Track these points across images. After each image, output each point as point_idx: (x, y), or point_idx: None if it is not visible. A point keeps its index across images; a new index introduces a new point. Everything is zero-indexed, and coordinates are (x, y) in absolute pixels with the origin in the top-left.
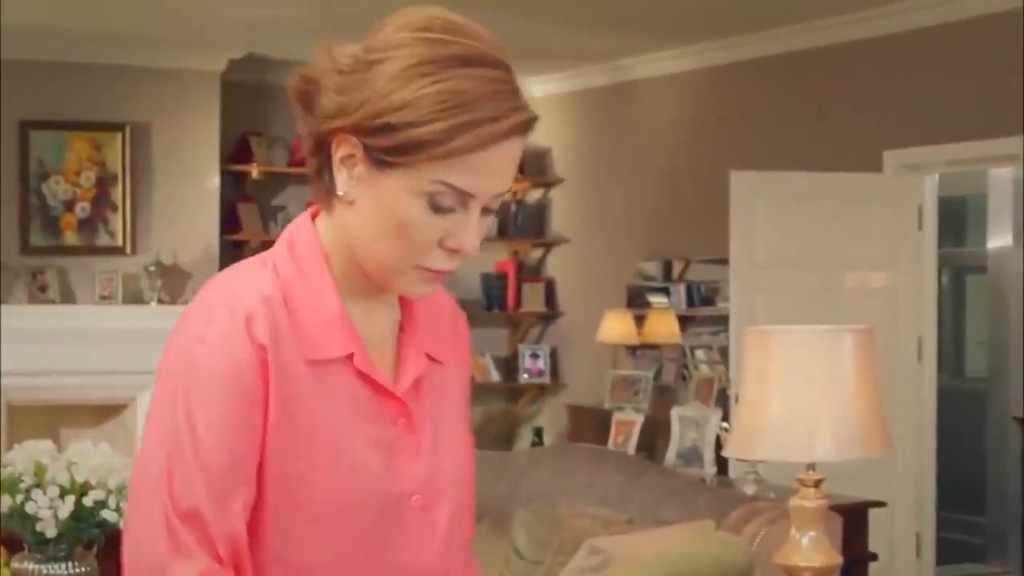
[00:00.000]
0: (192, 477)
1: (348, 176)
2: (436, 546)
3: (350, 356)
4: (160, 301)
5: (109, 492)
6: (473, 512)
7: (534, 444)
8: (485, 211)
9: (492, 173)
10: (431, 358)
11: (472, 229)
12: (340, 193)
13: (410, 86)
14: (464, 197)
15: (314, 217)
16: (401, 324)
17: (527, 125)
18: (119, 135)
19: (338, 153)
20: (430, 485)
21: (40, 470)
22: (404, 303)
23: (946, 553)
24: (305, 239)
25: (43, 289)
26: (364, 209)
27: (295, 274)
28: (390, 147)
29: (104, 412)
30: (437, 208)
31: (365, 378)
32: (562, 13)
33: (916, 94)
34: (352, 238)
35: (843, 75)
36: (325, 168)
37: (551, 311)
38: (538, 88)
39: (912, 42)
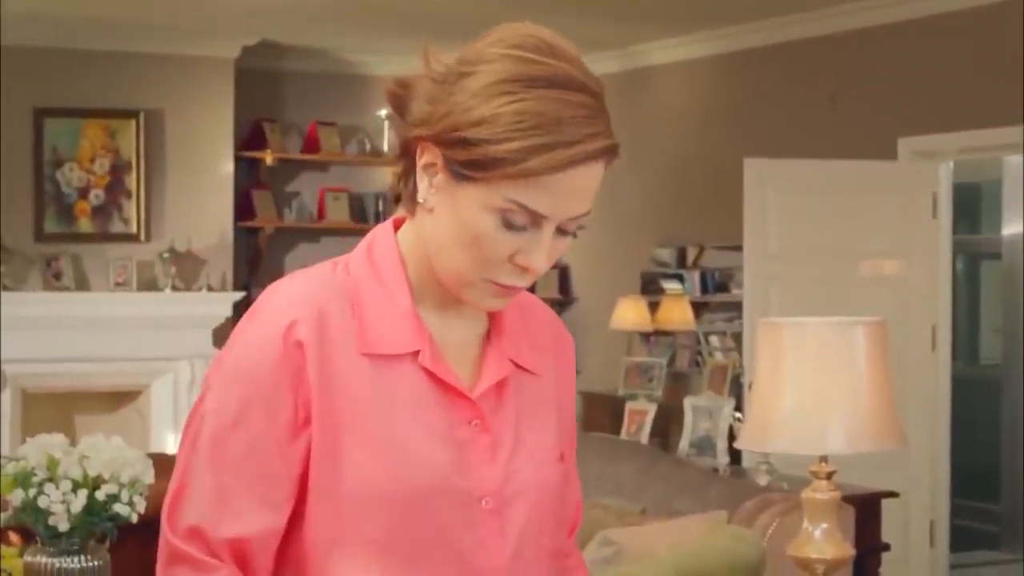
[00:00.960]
0: (200, 480)
1: (429, 184)
2: (507, 550)
3: (416, 353)
4: (174, 288)
5: (122, 486)
6: (563, 525)
7: None
8: (562, 233)
9: (567, 196)
10: (519, 366)
11: (542, 249)
12: (420, 200)
13: (491, 103)
14: (536, 217)
15: (398, 227)
16: (488, 334)
17: (604, 152)
18: (133, 122)
19: (421, 160)
20: (503, 489)
21: (52, 464)
22: (493, 313)
23: (959, 540)
24: (384, 242)
25: (58, 276)
26: (441, 218)
27: (368, 273)
28: (467, 161)
29: (118, 399)
30: (509, 225)
31: (434, 377)
32: (574, 0)
33: (930, 81)
34: (428, 245)
35: (857, 62)
36: (410, 173)
37: (565, 297)
38: None
39: (927, 29)
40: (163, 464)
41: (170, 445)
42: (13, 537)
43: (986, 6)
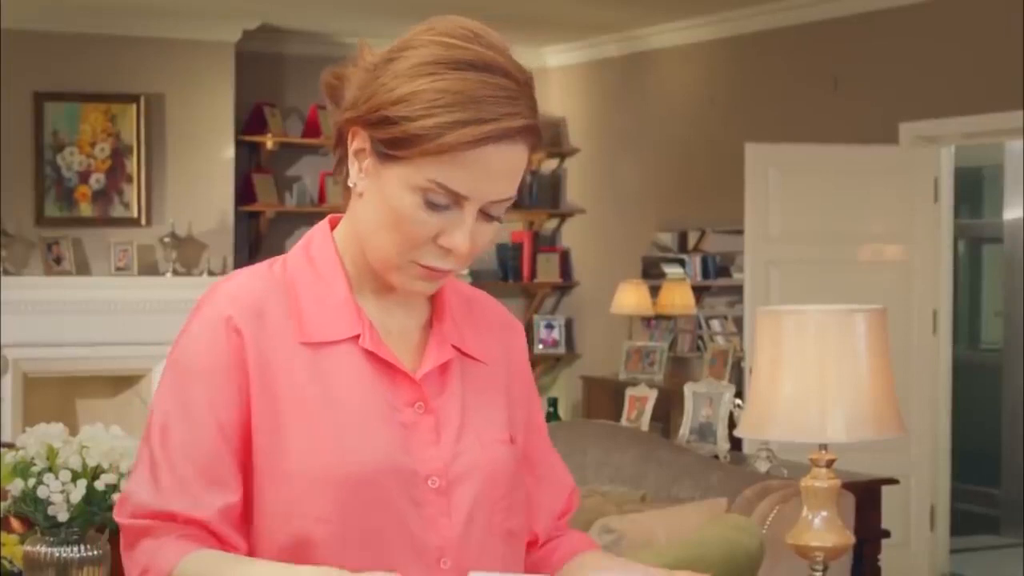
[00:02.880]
0: (159, 474)
1: (359, 169)
2: (456, 529)
3: (356, 338)
4: (175, 272)
5: (121, 476)
6: (515, 507)
7: (549, 415)
8: (487, 217)
9: (486, 176)
10: (463, 352)
11: (464, 230)
12: (351, 184)
13: (413, 82)
14: (457, 198)
15: (334, 226)
16: (430, 321)
17: (521, 132)
18: (134, 106)
19: (352, 146)
20: (450, 469)
21: (52, 454)
22: (435, 303)
23: (960, 524)
24: (320, 238)
25: (58, 260)
26: (370, 201)
27: (305, 266)
28: (388, 139)
29: (119, 383)
30: (431, 206)
31: (375, 359)
32: None
33: (932, 66)
34: (359, 230)
35: (859, 46)
36: (344, 161)
37: (566, 282)
38: (552, 59)
39: (929, 13)
40: None
41: None
42: (15, 524)
43: None
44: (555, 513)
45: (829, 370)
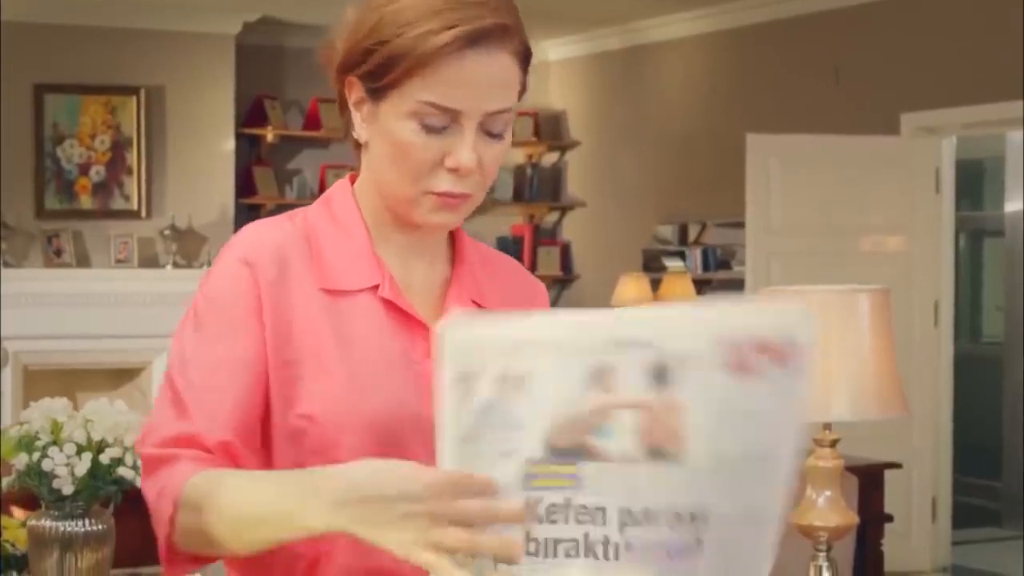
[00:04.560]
0: (180, 401)
1: (360, 119)
2: None
3: (376, 288)
4: (175, 265)
5: (126, 449)
6: None
7: None
8: (490, 135)
9: (473, 87)
10: (481, 307)
11: (467, 146)
12: (356, 136)
13: (379, 11)
14: (453, 114)
15: (354, 182)
16: (452, 278)
17: (493, 35)
18: (134, 99)
19: (351, 99)
20: None
21: (56, 428)
22: (456, 259)
23: (962, 517)
24: (340, 192)
25: (58, 253)
26: (375, 144)
27: (326, 219)
28: (372, 72)
29: (120, 375)
30: (429, 128)
31: (393, 309)
32: None
33: (933, 56)
34: (374, 178)
35: (860, 37)
36: (350, 123)
37: (567, 275)
38: (553, 52)
39: (929, 4)
40: None
41: None
42: (17, 512)
43: None
44: None
45: (833, 350)
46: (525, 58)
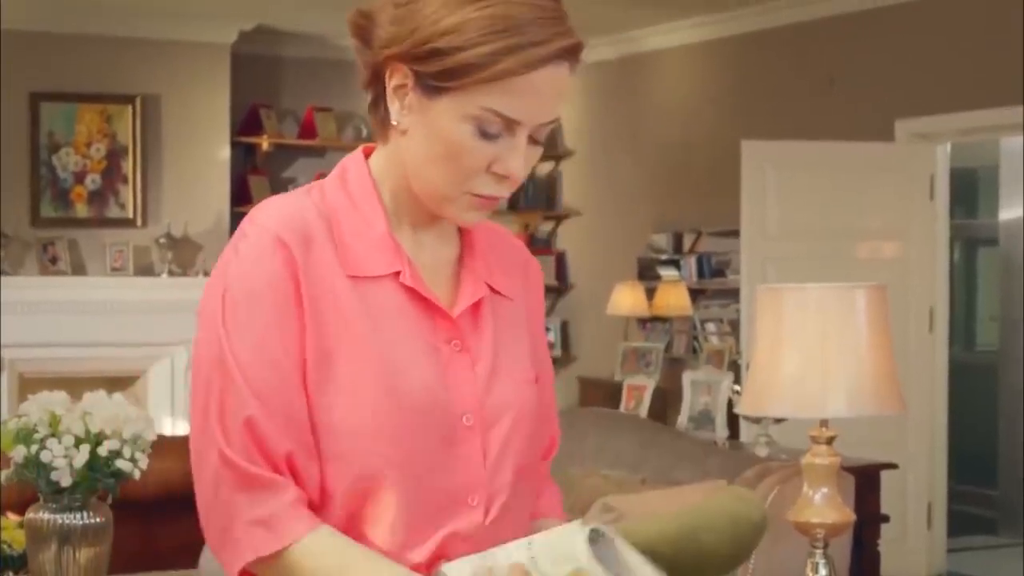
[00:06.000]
0: (239, 392)
1: (401, 106)
2: (488, 467)
3: (397, 274)
4: (171, 273)
5: (124, 442)
6: (540, 443)
7: None
8: (533, 141)
9: (538, 100)
10: (493, 289)
11: (519, 155)
12: (394, 123)
13: (459, 12)
14: (511, 124)
15: (368, 156)
16: (461, 257)
17: (571, 50)
18: (130, 107)
19: (392, 83)
20: (483, 407)
21: (55, 420)
22: (464, 238)
23: (957, 525)
24: (356, 169)
25: (54, 261)
26: (416, 137)
27: (343, 199)
28: (439, 72)
29: (116, 384)
30: (485, 134)
31: (415, 295)
32: None
33: (927, 63)
34: (407, 166)
35: (854, 44)
36: (380, 99)
37: (562, 284)
38: None
39: (923, 10)
40: (161, 447)
41: (167, 429)
42: (11, 516)
43: None
44: (544, 451)
45: (829, 346)
46: (576, 64)
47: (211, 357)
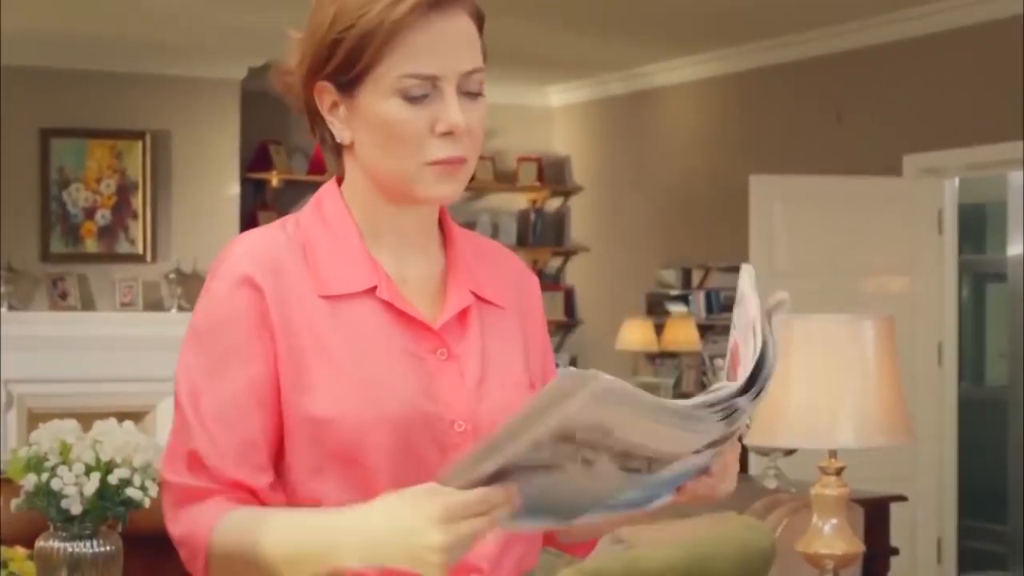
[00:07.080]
0: (188, 424)
1: (339, 122)
2: None
3: (373, 289)
4: (180, 308)
5: (134, 470)
6: None
7: None
8: (469, 96)
9: (444, 50)
10: (480, 298)
11: (453, 106)
12: (340, 140)
13: (332, 5)
14: (432, 81)
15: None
16: (447, 270)
17: None
18: (139, 143)
19: (324, 105)
20: (475, 414)
21: (65, 449)
22: (450, 251)
23: (968, 560)
24: (330, 196)
25: (63, 296)
26: (361, 139)
27: (319, 225)
28: (346, 59)
29: (124, 419)
30: (412, 99)
31: (394, 310)
32: (580, 21)
33: (936, 98)
34: (368, 171)
35: (862, 80)
36: (324, 130)
37: (570, 320)
38: (556, 97)
39: (932, 46)
40: None
41: None
42: (19, 550)
43: (988, 23)
44: None
45: (838, 377)
46: (480, 19)
47: (176, 392)
